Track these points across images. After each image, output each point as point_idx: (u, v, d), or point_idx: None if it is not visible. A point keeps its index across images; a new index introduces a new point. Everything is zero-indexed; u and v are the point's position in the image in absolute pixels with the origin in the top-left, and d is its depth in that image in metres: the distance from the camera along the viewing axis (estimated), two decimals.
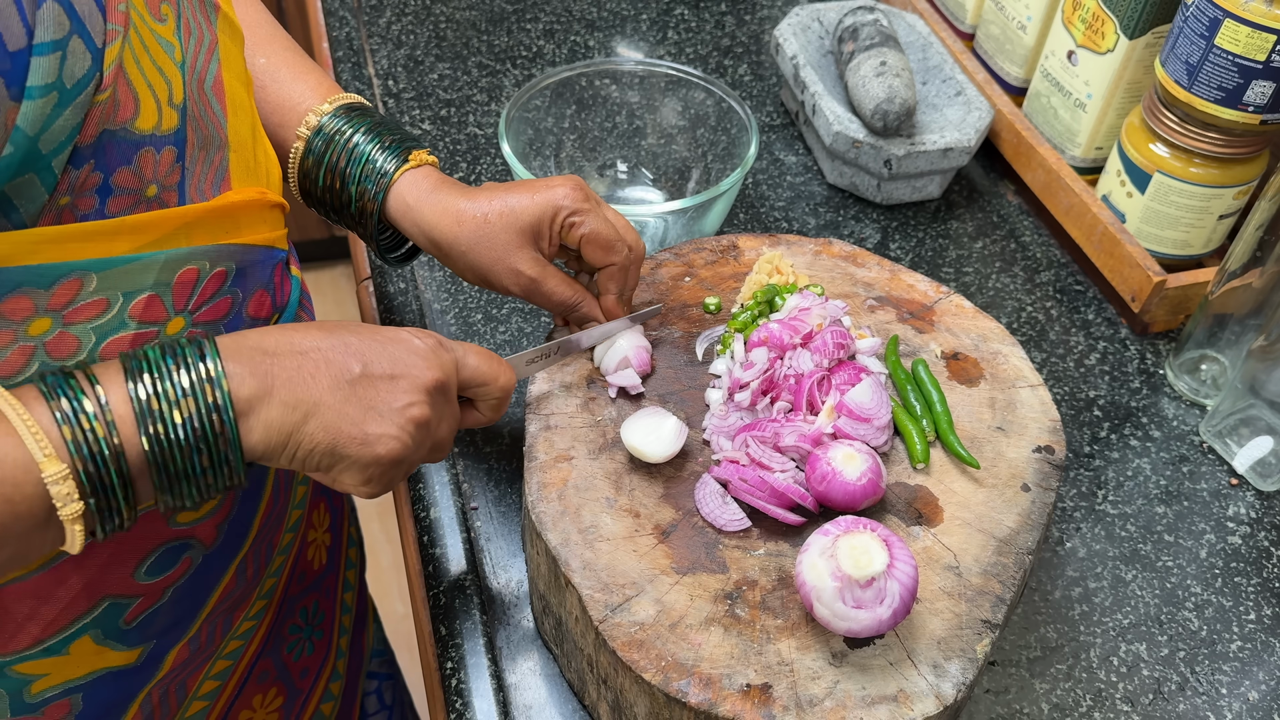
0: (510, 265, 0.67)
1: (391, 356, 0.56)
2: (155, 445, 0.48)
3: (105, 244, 0.50)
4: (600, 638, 0.58)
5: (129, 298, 0.52)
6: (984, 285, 0.95)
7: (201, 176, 0.56)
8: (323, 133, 0.70)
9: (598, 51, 1.17)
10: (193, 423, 0.49)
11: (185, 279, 0.55)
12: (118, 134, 0.49)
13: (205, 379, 0.50)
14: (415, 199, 0.69)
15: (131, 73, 0.50)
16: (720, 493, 0.64)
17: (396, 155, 0.70)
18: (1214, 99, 0.82)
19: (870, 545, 0.56)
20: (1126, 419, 0.85)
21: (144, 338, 0.54)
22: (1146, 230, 0.91)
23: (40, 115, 0.45)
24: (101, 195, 0.50)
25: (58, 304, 0.49)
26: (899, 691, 0.56)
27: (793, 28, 1.07)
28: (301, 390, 0.52)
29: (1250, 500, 0.80)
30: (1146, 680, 0.69)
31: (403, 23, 1.19)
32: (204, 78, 0.57)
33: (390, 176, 0.69)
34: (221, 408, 0.50)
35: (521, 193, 0.68)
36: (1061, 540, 0.76)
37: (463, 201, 0.68)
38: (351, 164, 0.70)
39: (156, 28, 0.53)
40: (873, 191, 1.01)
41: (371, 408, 0.54)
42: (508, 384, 0.63)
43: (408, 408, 0.55)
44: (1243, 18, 0.77)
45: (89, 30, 0.46)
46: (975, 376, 0.72)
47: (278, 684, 0.80)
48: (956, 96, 1.02)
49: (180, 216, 0.54)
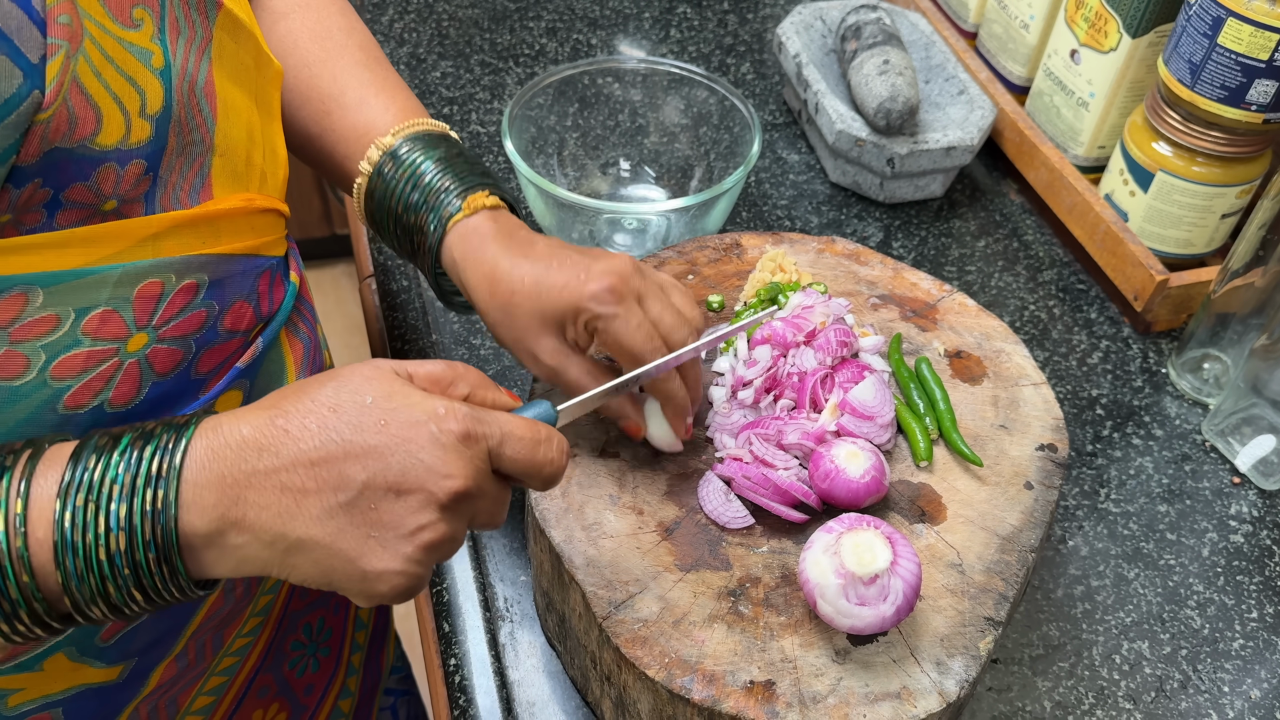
0: (528, 349, 0.61)
1: (401, 466, 0.46)
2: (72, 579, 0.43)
3: (52, 257, 0.47)
4: (604, 635, 0.58)
5: (81, 314, 0.49)
6: (987, 284, 0.95)
7: (177, 185, 0.53)
8: (380, 173, 0.65)
9: (600, 50, 1.17)
10: (122, 558, 0.43)
11: (147, 293, 0.51)
12: (75, 151, 0.46)
13: (148, 510, 0.43)
14: (462, 255, 0.63)
15: (90, 86, 0.46)
16: (724, 490, 0.64)
17: (455, 197, 0.64)
18: (1217, 98, 0.82)
19: (874, 542, 0.56)
20: (1129, 418, 0.85)
21: (99, 355, 0.51)
22: (1149, 229, 0.91)
23: None
24: (50, 209, 0.47)
25: (2, 321, 0.46)
26: (902, 688, 0.57)
27: (795, 26, 1.07)
28: (283, 524, 0.45)
29: (1252, 499, 0.80)
30: (1149, 678, 0.69)
31: (405, 20, 1.19)
32: (195, 80, 0.54)
33: (442, 233, 0.63)
34: (161, 544, 0.44)
35: (557, 274, 0.60)
36: (1064, 538, 0.77)
37: (504, 264, 0.61)
38: (408, 212, 0.64)
39: (125, 34, 0.49)
40: (875, 190, 1.01)
41: (370, 536, 0.46)
42: (554, 471, 0.51)
43: (417, 532, 0.46)
44: (1246, 16, 0.77)
45: (18, 45, 0.43)
46: (978, 374, 0.72)
47: (279, 700, 0.79)
48: (959, 95, 1.02)
49: (143, 227, 0.50)
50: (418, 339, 0.87)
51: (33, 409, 0.50)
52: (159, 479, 0.44)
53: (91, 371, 0.51)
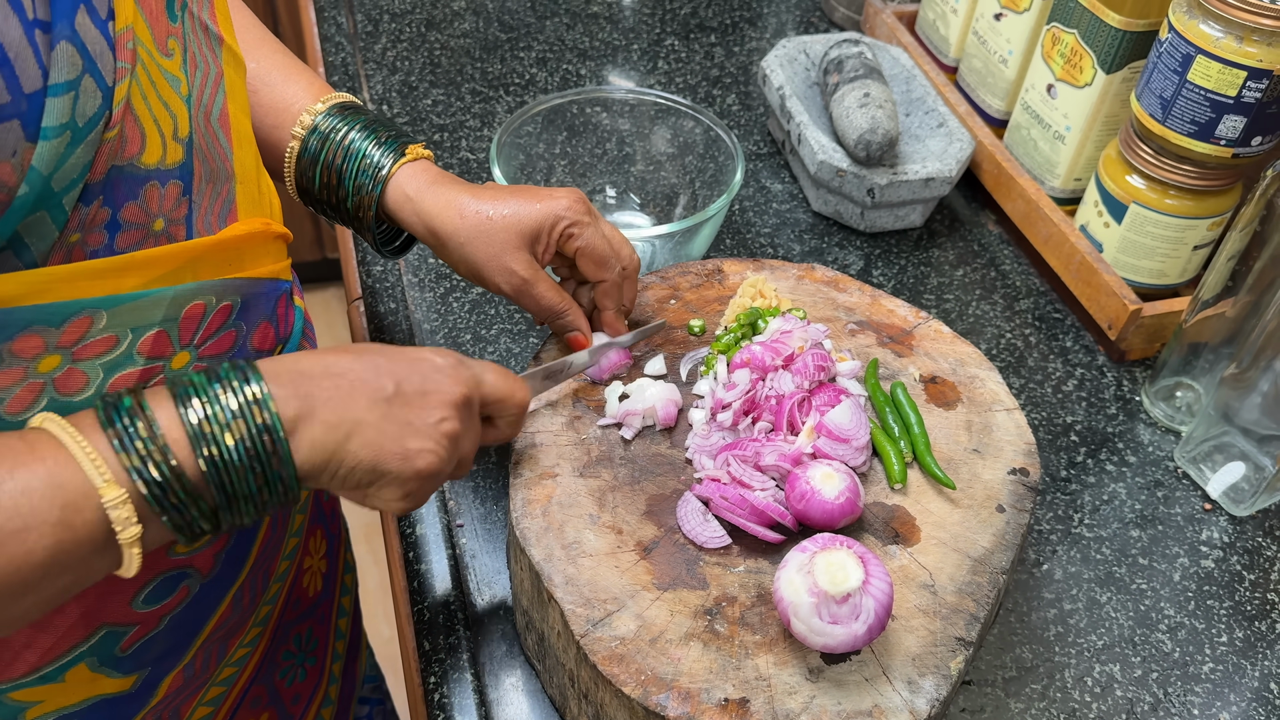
0: (505, 264, 0.69)
1: (421, 374, 0.57)
2: (211, 467, 0.49)
3: (114, 280, 0.51)
4: (581, 652, 0.59)
5: (138, 333, 0.53)
6: (964, 312, 0.97)
7: (208, 210, 0.57)
8: (318, 131, 0.72)
9: (589, 80, 1.20)
10: (245, 444, 0.49)
11: (192, 314, 0.56)
12: (125, 169, 0.50)
13: (252, 401, 0.50)
14: (415, 190, 0.71)
15: (139, 108, 0.50)
16: (701, 510, 0.65)
17: (393, 150, 0.71)
18: (1187, 132, 0.84)
19: (846, 562, 0.57)
20: (1103, 444, 0.87)
21: (150, 373, 0.54)
22: (1123, 260, 0.93)
23: (54, 155, 0.45)
24: (110, 231, 0.50)
25: (68, 341, 0.50)
26: (874, 707, 0.57)
27: (780, 59, 1.09)
28: (342, 409, 0.53)
29: (1223, 525, 0.82)
30: (1120, 701, 0.70)
31: (398, 49, 1.21)
32: (210, 110, 0.58)
33: (388, 170, 0.71)
34: (271, 428, 0.50)
35: (525, 197, 0.70)
36: (1038, 562, 0.78)
37: (466, 197, 0.70)
38: (348, 160, 0.71)
39: (163, 62, 0.53)
40: (856, 219, 1.03)
41: (408, 424, 0.55)
42: (524, 400, 0.64)
43: (440, 422, 0.56)
44: (1214, 54, 0.80)
45: (100, 69, 0.47)
46: (953, 400, 0.74)
47: (270, 709, 0.80)
48: (939, 128, 1.05)
49: (187, 251, 0.54)
50: None
51: None
52: (248, 380, 0.51)
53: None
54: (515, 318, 0.92)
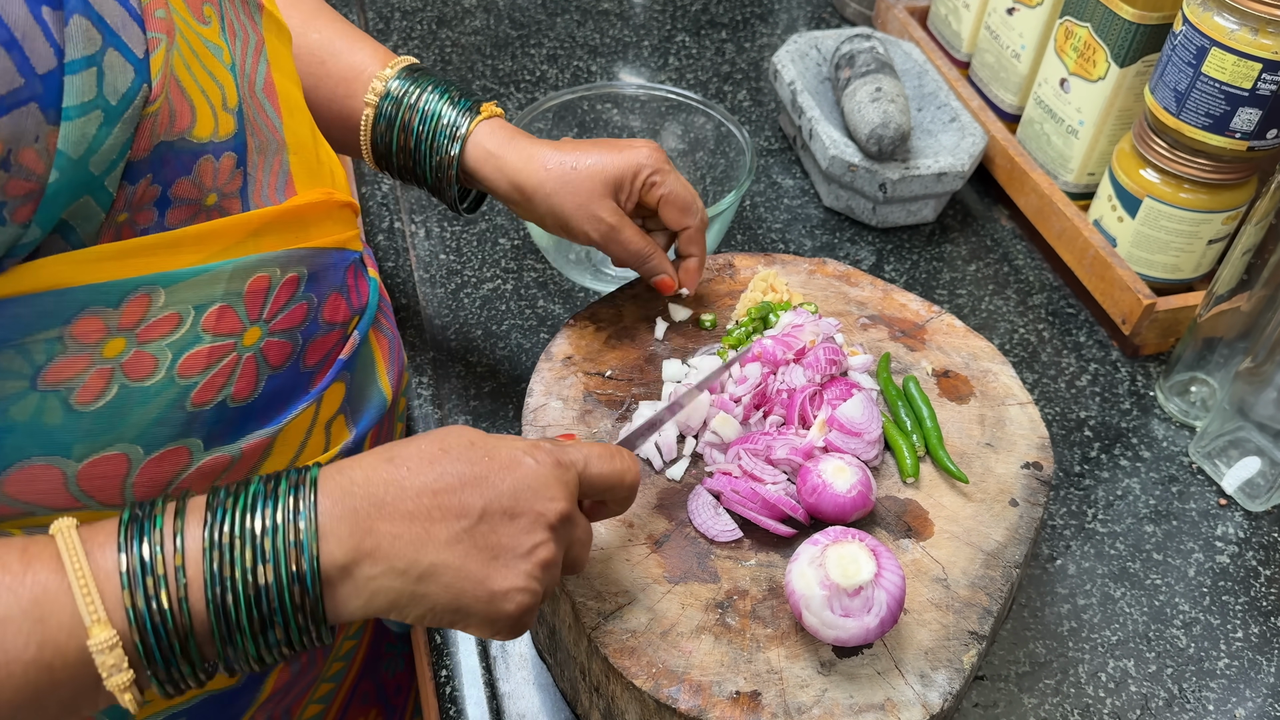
0: (592, 212, 0.71)
1: (512, 490, 0.50)
2: (220, 618, 0.44)
3: (169, 257, 0.49)
4: (593, 645, 0.59)
5: (200, 310, 0.51)
6: (977, 307, 0.96)
7: (264, 183, 0.55)
8: (390, 96, 0.72)
9: (600, 77, 1.20)
10: (269, 592, 0.44)
11: (256, 287, 0.54)
12: (175, 144, 0.48)
13: (292, 543, 0.45)
14: (496, 146, 0.71)
15: (184, 79, 0.48)
16: (713, 504, 0.65)
17: (468, 109, 0.72)
18: (1202, 125, 0.84)
19: (858, 555, 0.57)
20: (1117, 439, 0.86)
21: (220, 350, 0.52)
22: (1137, 254, 0.93)
23: (83, 136, 0.43)
24: (160, 208, 0.49)
25: (129, 323, 0.48)
26: (886, 700, 0.57)
27: (791, 55, 1.09)
28: (415, 551, 0.47)
29: (1238, 520, 0.81)
30: (1134, 696, 0.70)
31: (409, 46, 1.21)
32: (254, 80, 0.56)
33: (466, 128, 0.71)
34: (304, 576, 0.45)
35: (606, 149, 0.72)
36: (1052, 558, 0.77)
37: (548, 150, 0.71)
38: (424, 122, 0.72)
39: (202, 30, 0.51)
40: (868, 215, 1.02)
41: (495, 557, 0.49)
42: (634, 480, 0.56)
43: (534, 550, 0.50)
44: (1229, 46, 0.79)
45: (125, 41, 0.45)
46: (965, 394, 0.73)
47: (377, 705, 0.80)
48: (951, 123, 1.04)
49: (245, 224, 0.52)
50: (414, 355, 0.89)
51: (163, 408, 0.51)
52: (299, 513, 0.45)
53: (214, 367, 0.53)
54: (526, 313, 0.92)
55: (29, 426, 0.47)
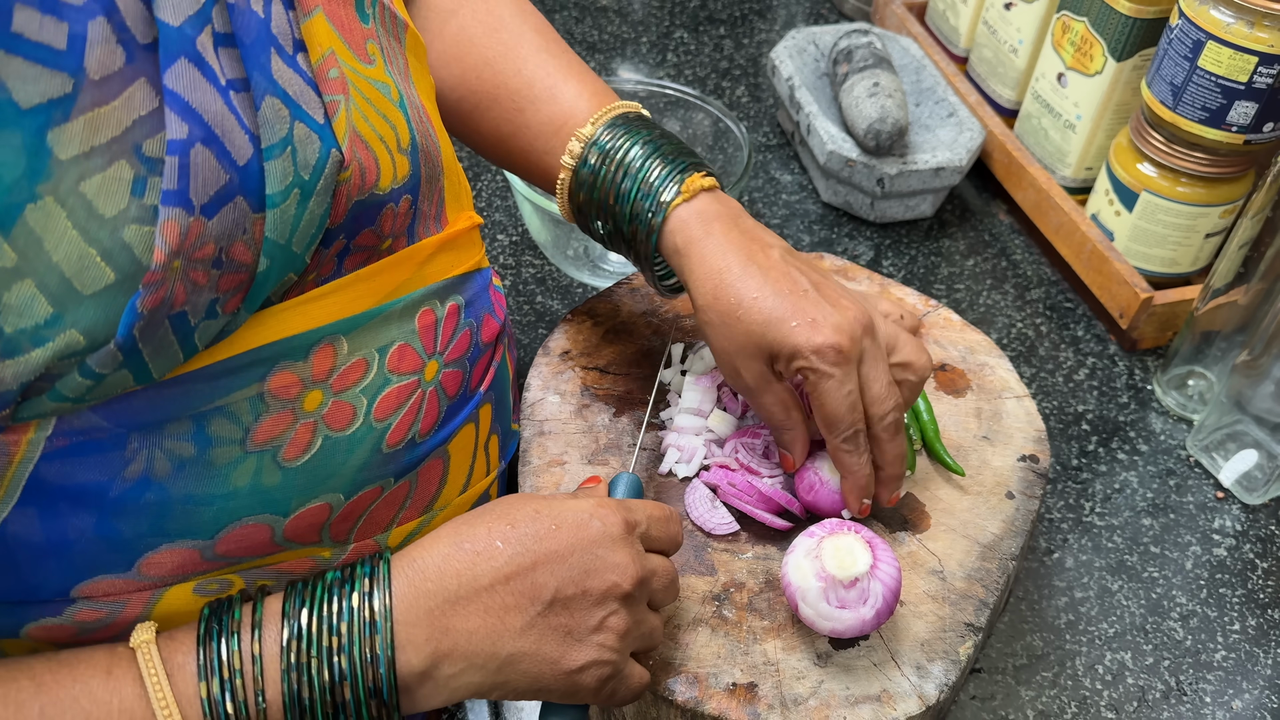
0: (734, 365, 0.60)
1: (583, 563, 0.49)
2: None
3: (346, 303, 0.48)
4: None
5: (383, 353, 0.50)
6: (975, 302, 0.97)
7: (428, 214, 0.54)
8: (588, 165, 0.62)
9: (599, 72, 1.20)
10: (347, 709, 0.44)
11: (426, 322, 0.53)
12: (365, 201, 0.47)
13: (369, 659, 0.44)
14: (685, 242, 0.60)
15: (365, 133, 0.47)
16: (710, 497, 0.65)
17: (670, 182, 0.61)
18: (1198, 119, 0.84)
19: (854, 546, 0.57)
20: (1114, 433, 0.86)
21: (406, 390, 0.52)
22: (1134, 248, 0.93)
23: (286, 219, 0.42)
24: (339, 257, 0.48)
25: (320, 373, 0.48)
26: (882, 691, 0.57)
27: (789, 50, 1.09)
28: (492, 644, 0.47)
29: (1235, 513, 0.81)
30: (1131, 688, 0.70)
31: None
32: (419, 106, 0.53)
33: (664, 214, 0.60)
34: (381, 690, 0.45)
35: (789, 308, 0.57)
36: (1049, 551, 0.78)
37: (734, 270, 0.58)
38: (620, 201, 0.61)
39: (367, 71, 0.49)
40: (866, 210, 1.02)
41: (568, 635, 0.48)
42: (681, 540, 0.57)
43: (604, 623, 0.49)
44: (1225, 40, 0.79)
45: (306, 110, 0.43)
46: (962, 387, 0.73)
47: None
48: (949, 118, 1.04)
49: (412, 257, 0.51)
50: None
51: (365, 455, 0.51)
52: (374, 625, 0.45)
53: (404, 406, 0.52)
54: (524, 308, 0.92)
55: (250, 489, 0.47)
